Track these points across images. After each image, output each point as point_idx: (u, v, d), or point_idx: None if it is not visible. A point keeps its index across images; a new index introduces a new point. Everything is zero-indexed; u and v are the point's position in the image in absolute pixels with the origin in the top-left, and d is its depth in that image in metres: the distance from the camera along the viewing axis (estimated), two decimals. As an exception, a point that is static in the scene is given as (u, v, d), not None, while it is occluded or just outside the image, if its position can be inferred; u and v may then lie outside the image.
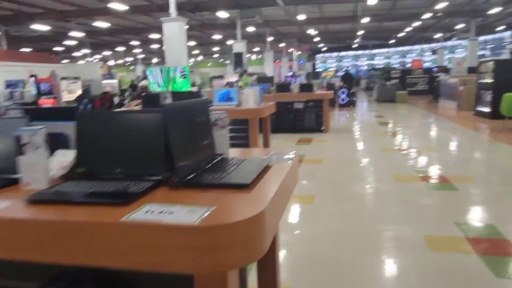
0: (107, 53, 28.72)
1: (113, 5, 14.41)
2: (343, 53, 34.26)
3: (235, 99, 5.06)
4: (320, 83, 14.10)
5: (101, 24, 18.09)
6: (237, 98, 5.05)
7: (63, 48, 25.97)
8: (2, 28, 18.43)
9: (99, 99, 8.89)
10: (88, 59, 25.09)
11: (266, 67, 23.08)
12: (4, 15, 16.97)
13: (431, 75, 18.86)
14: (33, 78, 12.11)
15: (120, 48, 26.81)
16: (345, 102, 13.69)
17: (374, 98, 16.63)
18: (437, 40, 27.24)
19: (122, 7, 14.68)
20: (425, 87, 18.64)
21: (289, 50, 29.42)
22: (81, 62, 22.98)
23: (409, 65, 28.39)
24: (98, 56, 29.81)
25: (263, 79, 11.02)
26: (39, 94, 11.87)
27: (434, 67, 21.78)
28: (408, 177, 4.79)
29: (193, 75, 21.30)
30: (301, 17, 17.86)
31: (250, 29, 20.41)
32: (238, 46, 18.17)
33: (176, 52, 11.61)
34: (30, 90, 12.26)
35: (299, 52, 33.23)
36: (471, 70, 17.03)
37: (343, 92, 13.74)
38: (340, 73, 19.41)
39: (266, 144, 5.63)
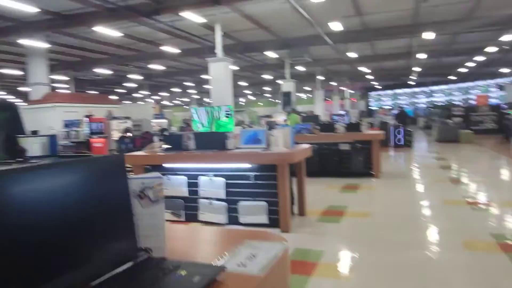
0: (164, 94, 29.93)
1: (166, 49, 14.76)
2: (399, 91, 32.62)
3: (263, 141, 4.32)
4: (371, 122, 13.00)
5: (157, 66, 18.72)
6: (266, 140, 4.30)
7: (125, 91, 27.49)
8: (71, 73, 19.85)
9: (140, 138, 8.65)
10: (147, 99, 26.22)
11: (316, 106, 22.34)
12: (73, 61, 18.22)
13: (499, 112, 16.84)
14: (87, 118, 12.44)
15: (176, 89, 27.80)
16: (401, 142, 12.38)
17: (434, 138, 15.01)
18: (504, 75, 24.87)
19: (174, 50, 15.00)
20: (493, 126, 16.61)
21: (341, 88, 28.54)
22: (140, 103, 23.95)
23: (472, 102, 26.09)
24: (156, 97, 31.15)
25: (308, 118, 10.23)
26: (92, 133, 12.11)
27: (504, 104, 19.62)
28: (483, 244, 3.61)
29: (242, 114, 21.15)
30: (352, 55, 17.10)
31: (300, 68, 20.00)
32: (286, 85, 17.73)
33: (222, 91, 11.34)
34: (84, 129, 12.59)
35: (352, 91, 32.20)
36: (549, 106, 14.95)
37: (398, 132, 12.47)
38: (395, 111, 18.04)
39: (300, 192, 4.75)
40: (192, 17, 10.54)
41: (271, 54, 16.10)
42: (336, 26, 11.78)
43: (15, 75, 17.34)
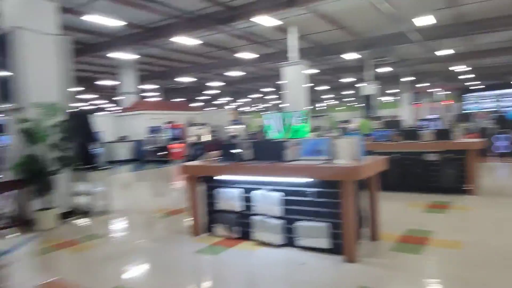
0: (244, 100, 30.36)
1: (242, 55, 14.71)
2: (502, 91, 28.43)
3: (325, 152, 3.66)
4: (468, 128, 11.23)
5: (235, 73, 18.90)
6: (329, 151, 3.64)
7: (208, 97, 28.49)
8: (160, 82, 21.13)
9: (211, 144, 8.54)
10: (228, 106, 26.85)
11: (401, 109, 20.46)
12: (160, 71, 19.34)
13: None
14: (169, 124, 12.91)
15: (255, 95, 27.97)
16: (505, 151, 10.45)
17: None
18: None
19: (251, 56, 14.90)
20: None
21: (431, 90, 25.86)
22: (220, 109, 24.53)
23: None
24: (238, 103, 31.76)
25: (390, 124, 9.13)
26: (173, 139, 12.55)
27: None
28: None
29: (320, 120, 20.27)
30: (447, 52, 15.18)
31: (384, 69, 18.48)
32: (367, 88, 16.45)
33: (296, 96, 10.81)
34: (166, 135, 13.11)
35: (446, 92, 29.02)
36: None
37: (503, 139, 10.54)
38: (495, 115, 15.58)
39: (373, 211, 3.97)
40: (266, 21, 10.21)
41: (351, 56, 15.05)
42: (425, 20, 10.45)
43: (111, 85, 18.95)
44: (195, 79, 20.63)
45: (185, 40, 11.85)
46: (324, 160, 3.62)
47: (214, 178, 4.29)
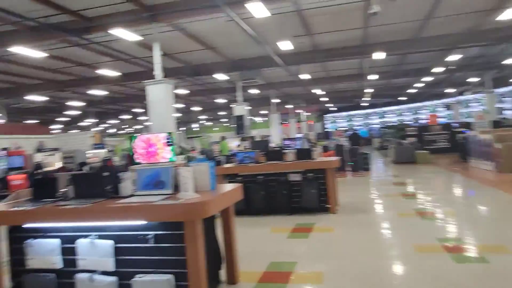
0: (113, 121, 27.78)
1: (104, 72, 13.18)
2: (353, 112, 32.56)
3: (167, 184, 2.93)
4: (326, 146, 11.99)
5: (98, 92, 16.95)
6: (171, 183, 2.91)
7: (68, 119, 25.11)
8: (2, 101, 17.54)
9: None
10: (96, 128, 24.06)
11: (271, 129, 21.33)
12: (2, 88, 16.04)
13: (452, 130, 16.55)
14: (5, 151, 10.43)
15: (126, 116, 25.84)
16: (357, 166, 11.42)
17: (390, 159, 14.27)
18: (450, 95, 25.31)
19: (114, 74, 13.46)
20: (446, 145, 16.23)
21: (297, 111, 27.88)
22: (83, 132, 21.72)
23: (422, 121, 26.30)
24: (107, 125, 28.91)
25: (258, 144, 8.96)
26: (11, 168, 10.10)
27: (454, 122, 19.58)
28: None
29: (192, 141, 19.61)
30: (305, 76, 16.34)
31: (253, 91, 18.99)
32: (238, 109, 16.55)
33: (162, 116, 9.85)
34: (1, 164, 10.55)
35: (307, 114, 31.74)
36: (496, 124, 14.76)
37: (354, 155, 11.52)
38: (349, 133, 17.35)
39: (228, 248, 3.35)
40: (126, 35, 9.14)
41: (221, 77, 14.92)
42: (285, 45, 10.82)
43: None
44: (49, 98, 17.77)
45: (28, 52, 9.87)
46: (165, 195, 2.87)
47: (23, 226, 3.12)
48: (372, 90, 22.54)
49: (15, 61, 12.21)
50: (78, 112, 22.09)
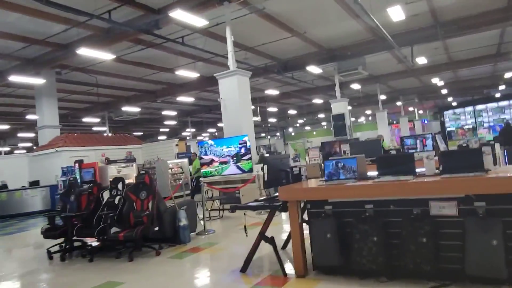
0: (212, 130, 27.32)
1: (183, 73, 11.83)
2: (480, 106, 26.30)
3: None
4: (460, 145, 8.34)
5: (186, 99, 15.98)
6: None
7: (167, 129, 25.36)
8: (106, 114, 17.97)
9: (86, 195, 5.34)
10: (194, 138, 23.77)
11: (380, 130, 17.74)
12: (104, 102, 16.23)
13: None
14: (76, 164, 9.59)
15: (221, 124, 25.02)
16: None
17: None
18: None
19: (193, 75, 11.99)
20: None
21: (408, 109, 23.48)
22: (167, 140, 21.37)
23: None
24: (206, 134, 28.73)
25: (362, 147, 6.14)
26: (83, 182, 9.19)
27: None
28: None
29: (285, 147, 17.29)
30: (421, 60, 12.60)
31: (355, 86, 15.85)
32: (337, 106, 13.67)
33: (237, 115, 7.75)
34: (75, 177, 9.74)
35: (421, 112, 26.76)
36: None
37: None
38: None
39: None
40: (196, 21, 7.37)
41: (315, 70, 12.30)
42: (396, 13, 7.77)
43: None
44: (142, 109, 17.52)
45: (104, 56, 8.94)
46: None
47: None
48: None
49: (113, 73, 11.77)
50: (174, 122, 21.94)
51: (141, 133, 25.10)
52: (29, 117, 15.70)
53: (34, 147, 14.89)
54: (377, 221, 2.87)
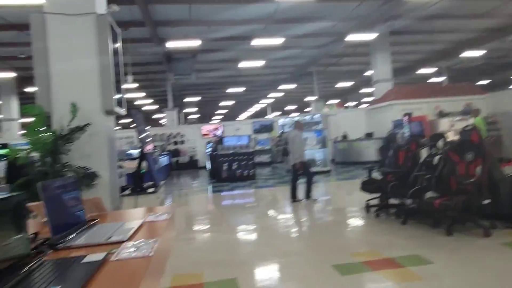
0: None
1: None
2: None
3: None
4: None
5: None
6: None
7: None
8: (443, 64, 16.32)
9: (404, 151, 4.88)
10: None
11: None
12: (439, 50, 14.80)
13: None
14: (406, 117, 9.26)
15: None
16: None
17: None
18: None
19: None
20: None
21: None
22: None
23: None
24: None
25: None
26: (412, 136, 8.83)
27: None
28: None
29: None
30: None
31: None
32: None
33: None
34: (404, 132, 9.55)
35: None
36: None
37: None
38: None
39: None
40: None
41: None
42: None
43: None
44: (487, 52, 14.30)
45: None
46: None
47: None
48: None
49: (450, 14, 10.39)
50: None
51: (488, 82, 21.18)
52: (367, 73, 16.89)
53: (369, 102, 15.93)
54: None
